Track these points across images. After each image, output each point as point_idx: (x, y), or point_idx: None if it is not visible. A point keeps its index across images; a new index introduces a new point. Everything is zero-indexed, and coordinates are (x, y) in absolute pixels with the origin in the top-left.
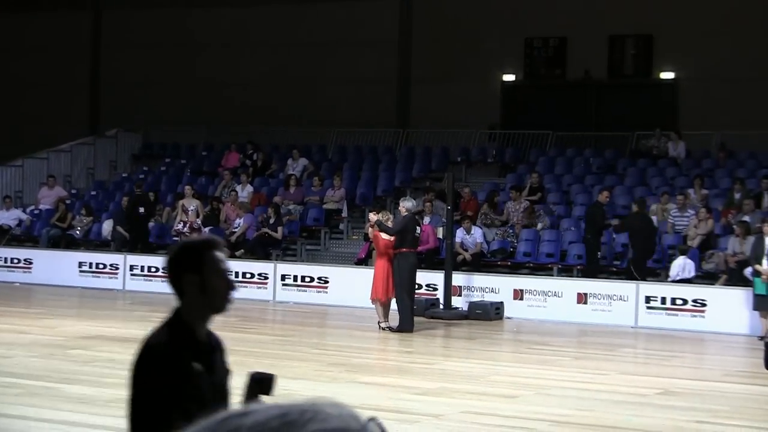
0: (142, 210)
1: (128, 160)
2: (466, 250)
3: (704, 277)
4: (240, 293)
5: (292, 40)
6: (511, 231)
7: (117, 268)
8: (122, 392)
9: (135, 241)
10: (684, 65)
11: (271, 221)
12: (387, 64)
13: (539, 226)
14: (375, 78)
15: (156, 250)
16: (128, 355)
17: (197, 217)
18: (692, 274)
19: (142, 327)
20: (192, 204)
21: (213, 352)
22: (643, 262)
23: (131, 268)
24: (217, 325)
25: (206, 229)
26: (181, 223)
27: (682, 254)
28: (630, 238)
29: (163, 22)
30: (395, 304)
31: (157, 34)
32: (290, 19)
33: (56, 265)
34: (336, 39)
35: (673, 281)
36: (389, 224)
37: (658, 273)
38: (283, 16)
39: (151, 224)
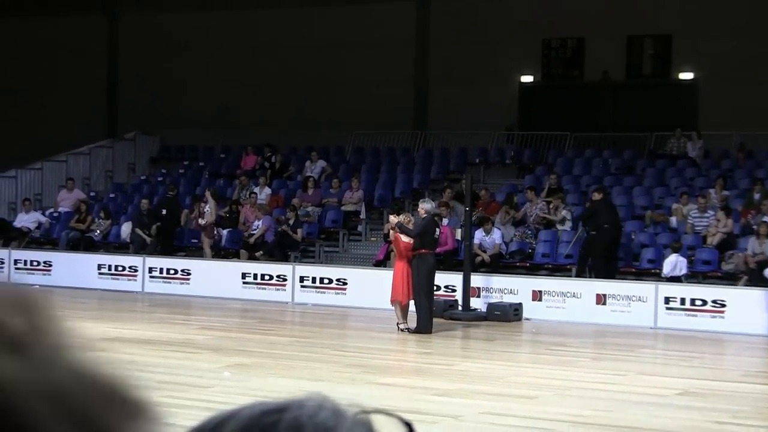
0: (164, 212)
1: (146, 163)
2: (485, 252)
3: (724, 278)
4: (258, 295)
5: (310, 42)
6: (529, 232)
7: (136, 271)
8: (142, 394)
9: (158, 244)
10: (702, 65)
11: (290, 222)
12: (404, 66)
13: (558, 216)
14: (392, 80)
15: (175, 252)
16: (147, 356)
17: (212, 217)
18: (683, 271)
19: (160, 329)
20: (208, 206)
21: None
22: (610, 248)
23: (150, 270)
24: (236, 326)
25: (224, 231)
26: (195, 221)
27: (675, 252)
28: (596, 222)
29: (179, 25)
30: (413, 306)
31: (174, 37)
32: (307, 20)
33: (75, 268)
34: (353, 40)
35: (666, 278)
36: (410, 226)
37: (657, 272)
38: (301, 17)
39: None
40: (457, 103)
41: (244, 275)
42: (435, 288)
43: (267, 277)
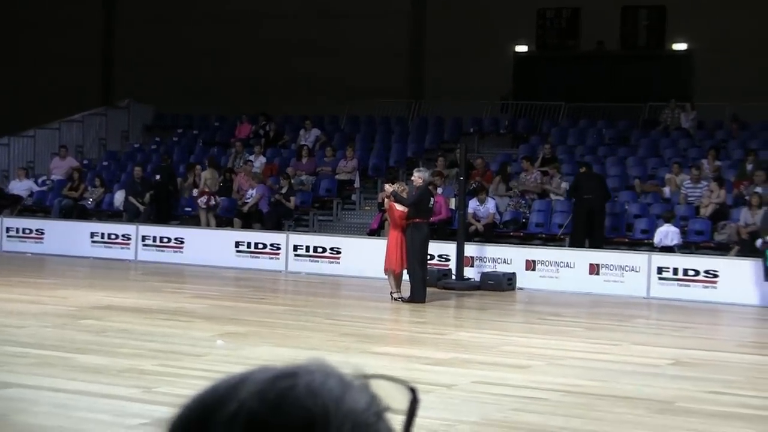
0: (158, 177)
1: (140, 131)
2: (479, 221)
3: (716, 248)
4: (252, 263)
5: (305, 10)
6: (523, 202)
7: (129, 239)
8: (135, 362)
9: (151, 212)
10: (697, 36)
11: (283, 191)
12: (400, 35)
13: (557, 186)
14: (388, 49)
15: (169, 221)
16: (141, 325)
17: (204, 185)
18: (675, 241)
19: (154, 297)
20: (216, 175)
21: None
22: (591, 217)
23: (143, 238)
24: (229, 295)
25: (220, 199)
26: (196, 191)
27: (667, 222)
28: (583, 197)
29: None
30: (407, 275)
31: (170, 6)
32: None
33: (68, 236)
34: (349, 9)
35: (657, 248)
36: (404, 195)
37: (650, 242)
38: None
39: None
40: (452, 72)
41: (237, 244)
42: (429, 257)
43: (261, 246)
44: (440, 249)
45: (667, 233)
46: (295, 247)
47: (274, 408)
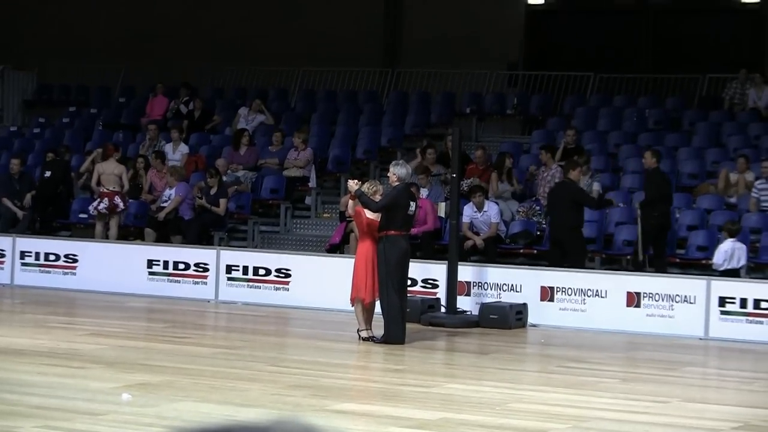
0: (47, 174)
1: (18, 108)
2: (478, 234)
3: None
4: (170, 290)
5: None
6: (537, 208)
7: (3, 256)
8: (9, 423)
9: (34, 219)
10: None
11: (212, 192)
12: None
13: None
14: (356, 1)
15: (57, 231)
16: (18, 372)
17: (122, 188)
18: (742, 262)
19: (36, 335)
20: (115, 169)
21: None
22: (663, 235)
23: (22, 255)
24: (139, 332)
25: (119, 202)
26: (98, 198)
27: (731, 237)
28: (647, 202)
29: None
30: (380, 306)
31: None
32: None
33: None
34: None
35: (719, 271)
36: (377, 198)
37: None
38: None
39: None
40: (441, 31)
41: (150, 263)
42: (409, 282)
43: (182, 267)
44: (425, 271)
45: (731, 252)
46: (229, 268)
47: None
